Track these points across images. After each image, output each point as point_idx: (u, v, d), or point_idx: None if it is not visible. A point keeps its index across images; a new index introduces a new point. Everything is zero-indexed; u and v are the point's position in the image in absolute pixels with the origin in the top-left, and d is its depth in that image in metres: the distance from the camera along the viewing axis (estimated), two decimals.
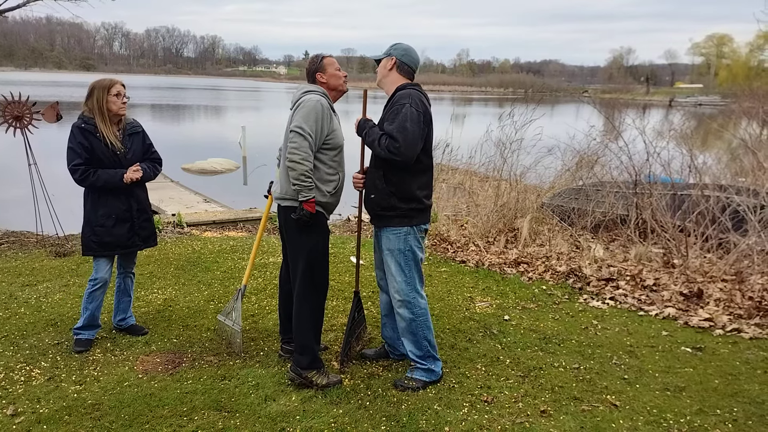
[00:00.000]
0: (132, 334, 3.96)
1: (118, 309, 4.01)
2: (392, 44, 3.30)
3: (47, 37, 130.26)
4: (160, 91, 62.14)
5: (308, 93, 3.23)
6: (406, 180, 3.12)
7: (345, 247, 6.42)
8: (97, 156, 3.60)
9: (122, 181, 3.62)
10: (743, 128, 9.81)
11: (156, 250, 6.15)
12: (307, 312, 3.27)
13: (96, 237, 3.67)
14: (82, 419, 2.90)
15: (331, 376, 3.33)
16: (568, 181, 7.87)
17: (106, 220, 3.67)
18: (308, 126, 3.09)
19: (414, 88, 3.15)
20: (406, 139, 2.96)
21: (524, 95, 60.29)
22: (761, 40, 50.46)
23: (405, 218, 3.17)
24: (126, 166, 3.67)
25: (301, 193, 3.11)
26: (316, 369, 3.27)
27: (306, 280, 3.25)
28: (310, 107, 3.13)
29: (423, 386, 3.26)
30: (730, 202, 5.68)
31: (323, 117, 3.15)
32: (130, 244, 3.80)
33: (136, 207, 3.79)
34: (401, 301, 3.24)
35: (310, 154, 3.10)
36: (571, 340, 4.04)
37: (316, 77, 3.34)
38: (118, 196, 3.69)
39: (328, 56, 3.39)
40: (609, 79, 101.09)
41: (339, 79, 3.37)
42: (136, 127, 3.85)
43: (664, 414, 3.08)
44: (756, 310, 4.49)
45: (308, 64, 3.41)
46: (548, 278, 5.46)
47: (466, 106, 43.46)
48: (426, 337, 3.29)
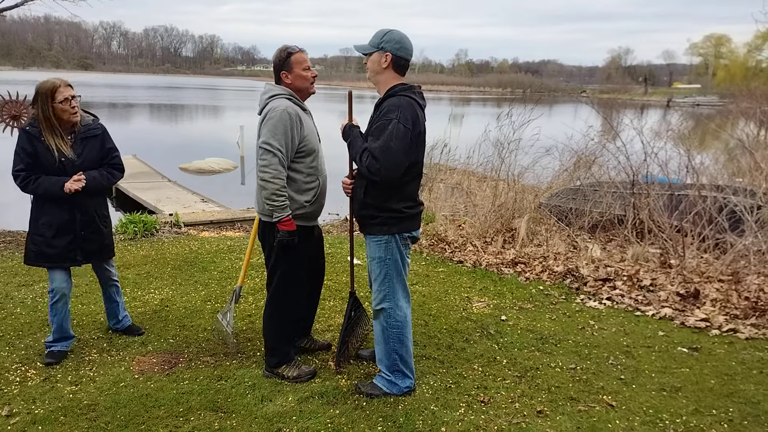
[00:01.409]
0: (129, 334, 3.90)
1: (109, 315, 3.92)
2: (382, 32, 2.94)
3: (45, 37, 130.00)
4: (158, 90, 62.06)
5: (273, 99, 3.06)
6: (386, 193, 2.93)
7: (343, 247, 6.42)
8: (40, 162, 3.30)
9: (63, 191, 3.28)
10: (741, 128, 9.84)
11: (153, 249, 6.15)
12: (276, 319, 3.29)
13: (35, 247, 3.40)
14: (78, 420, 2.90)
15: (303, 367, 3.35)
16: (566, 182, 7.88)
17: (46, 229, 3.38)
18: (276, 141, 2.93)
19: (406, 94, 2.89)
20: (388, 159, 2.76)
21: (522, 95, 60.37)
22: (759, 40, 50.51)
23: (385, 226, 2.98)
24: (73, 174, 3.34)
25: (274, 214, 3.00)
26: (286, 363, 3.32)
27: (279, 292, 3.25)
28: (277, 119, 2.95)
29: (381, 395, 3.15)
30: (727, 203, 5.69)
31: (293, 127, 2.98)
32: (70, 258, 3.45)
33: (81, 218, 3.44)
34: (377, 308, 3.11)
35: (281, 170, 2.96)
36: (568, 341, 4.04)
37: (280, 76, 3.12)
38: (62, 205, 3.37)
39: (298, 52, 3.11)
40: (607, 79, 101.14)
41: (306, 81, 3.14)
42: (93, 130, 3.47)
43: (661, 414, 3.09)
44: (752, 311, 4.50)
45: (275, 58, 3.12)
46: (545, 278, 5.47)
47: (464, 106, 43.49)
48: (396, 350, 3.11)
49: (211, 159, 15.70)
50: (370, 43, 2.95)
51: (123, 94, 50.94)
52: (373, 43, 2.93)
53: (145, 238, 6.70)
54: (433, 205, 8.04)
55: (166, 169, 13.68)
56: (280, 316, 3.29)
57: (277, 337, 3.33)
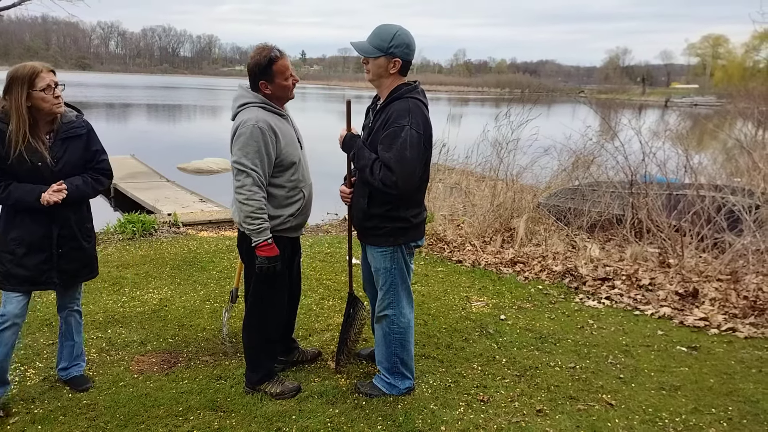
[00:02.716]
0: (72, 387, 3.17)
1: (61, 355, 3.23)
2: (388, 33, 2.72)
3: (43, 36, 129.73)
4: (156, 90, 61.99)
5: (245, 108, 2.84)
6: (393, 201, 2.80)
7: (341, 247, 6.42)
8: (11, 166, 2.72)
9: (39, 202, 2.72)
10: (738, 128, 9.86)
11: (152, 249, 6.14)
12: (256, 333, 3.11)
13: (2, 267, 2.83)
14: (77, 419, 2.89)
15: (287, 383, 3.16)
16: (565, 181, 7.88)
17: (16, 246, 2.80)
18: (249, 161, 2.73)
19: (413, 96, 2.77)
20: (404, 170, 2.62)
21: (521, 95, 60.35)
22: (757, 40, 50.66)
23: (391, 237, 2.88)
24: (52, 181, 2.77)
25: (251, 238, 2.81)
26: (268, 380, 3.15)
27: (255, 308, 3.09)
28: (247, 136, 2.72)
29: (380, 394, 3.15)
30: (726, 202, 5.70)
31: (266, 143, 2.75)
32: (44, 281, 2.88)
33: (59, 233, 2.87)
34: (381, 315, 3.09)
35: (256, 191, 2.77)
36: (567, 340, 4.04)
37: (259, 86, 2.86)
38: (37, 218, 2.80)
39: (280, 59, 2.80)
40: (605, 79, 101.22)
41: (287, 90, 2.91)
42: (76, 129, 2.87)
43: (660, 413, 3.09)
44: (751, 310, 4.51)
45: (253, 62, 2.82)
46: (544, 278, 5.47)
47: (462, 106, 43.49)
48: (397, 354, 3.10)
49: (209, 159, 15.66)
50: (374, 44, 2.75)
51: (121, 94, 50.85)
52: (380, 47, 2.73)
53: (143, 238, 6.69)
54: (431, 205, 8.04)
55: (164, 169, 13.64)
56: (259, 330, 3.11)
57: (257, 353, 3.15)
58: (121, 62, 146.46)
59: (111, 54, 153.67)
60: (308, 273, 5.43)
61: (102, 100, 42.08)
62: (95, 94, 47.18)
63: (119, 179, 11.69)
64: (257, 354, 3.15)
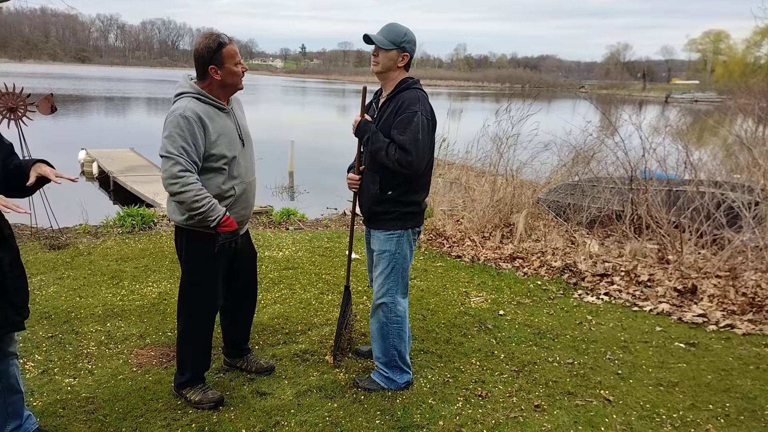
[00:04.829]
0: None
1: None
2: (400, 30, 2.94)
3: (42, 29, 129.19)
4: (155, 83, 61.81)
5: (179, 98, 2.76)
6: (405, 185, 2.96)
7: (341, 242, 6.42)
8: None
9: None
10: (739, 125, 9.85)
11: (151, 243, 6.14)
12: (187, 335, 3.00)
13: None
14: (76, 412, 2.90)
15: (209, 393, 2.99)
16: (564, 177, 7.87)
17: None
18: (174, 148, 2.63)
19: (419, 87, 3.00)
20: (419, 152, 2.81)
21: (521, 90, 60.31)
22: (758, 36, 50.55)
23: (400, 221, 3.02)
24: None
25: (207, 221, 2.69)
26: (190, 385, 3.02)
27: (184, 306, 2.99)
28: (170, 124, 2.65)
29: (379, 389, 3.18)
30: (725, 199, 5.70)
31: (193, 132, 2.65)
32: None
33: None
34: (379, 302, 3.12)
35: (188, 175, 2.63)
36: (566, 335, 4.05)
37: (208, 72, 2.74)
38: None
39: (229, 44, 2.72)
40: (606, 74, 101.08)
41: (236, 76, 2.79)
42: None
43: (657, 409, 3.10)
44: (749, 306, 4.52)
45: (202, 47, 2.70)
46: (543, 273, 5.48)
47: (462, 101, 43.43)
48: (395, 346, 3.14)
49: None
50: (389, 38, 2.92)
51: (120, 87, 50.72)
52: (394, 41, 2.92)
53: (142, 231, 6.69)
54: (431, 200, 8.03)
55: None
56: (190, 333, 2.99)
57: (183, 356, 3.03)
58: (120, 55, 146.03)
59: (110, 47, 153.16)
60: (307, 267, 5.43)
61: (101, 93, 41.97)
62: (94, 87, 47.03)
63: (119, 172, 11.68)
64: (183, 357, 3.04)
